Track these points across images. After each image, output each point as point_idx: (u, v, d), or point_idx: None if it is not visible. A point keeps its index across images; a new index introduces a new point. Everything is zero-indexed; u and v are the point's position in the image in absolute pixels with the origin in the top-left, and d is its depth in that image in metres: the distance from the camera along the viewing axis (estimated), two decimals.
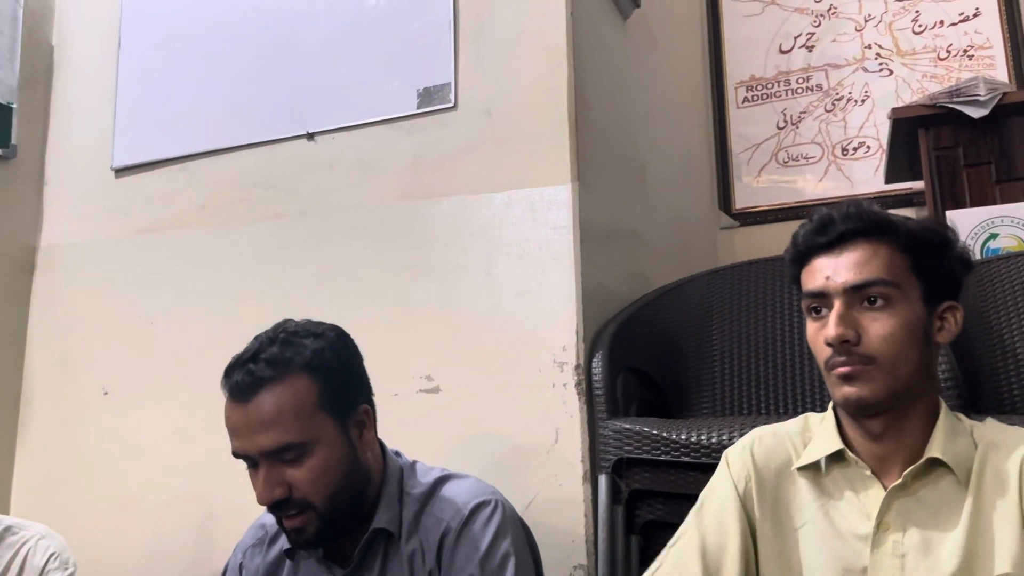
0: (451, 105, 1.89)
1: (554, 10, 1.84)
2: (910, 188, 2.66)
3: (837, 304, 1.05)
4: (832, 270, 1.06)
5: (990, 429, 1.08)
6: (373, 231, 1.93)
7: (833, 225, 1.08)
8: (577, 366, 1.65)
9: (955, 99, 2.13)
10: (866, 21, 2.99)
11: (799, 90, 3.01)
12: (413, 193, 1.91)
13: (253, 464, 1.21)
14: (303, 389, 1.19)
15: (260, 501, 1.19)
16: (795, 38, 3.05)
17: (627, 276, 2.01)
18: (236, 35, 2.17)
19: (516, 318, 1.76)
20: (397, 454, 1.38)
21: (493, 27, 1.91)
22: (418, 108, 1.92)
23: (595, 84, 1.96)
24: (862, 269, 1.04)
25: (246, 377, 1.20)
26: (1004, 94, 2.09)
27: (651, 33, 2.51)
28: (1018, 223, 2.00)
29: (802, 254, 1.11)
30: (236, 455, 1.21)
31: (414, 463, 1.37)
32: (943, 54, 2.87)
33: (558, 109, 1.80)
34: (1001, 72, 2.75)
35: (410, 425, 1.74)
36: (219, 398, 1.25)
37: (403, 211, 1.91)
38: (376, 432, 1.35)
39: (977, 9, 2.85)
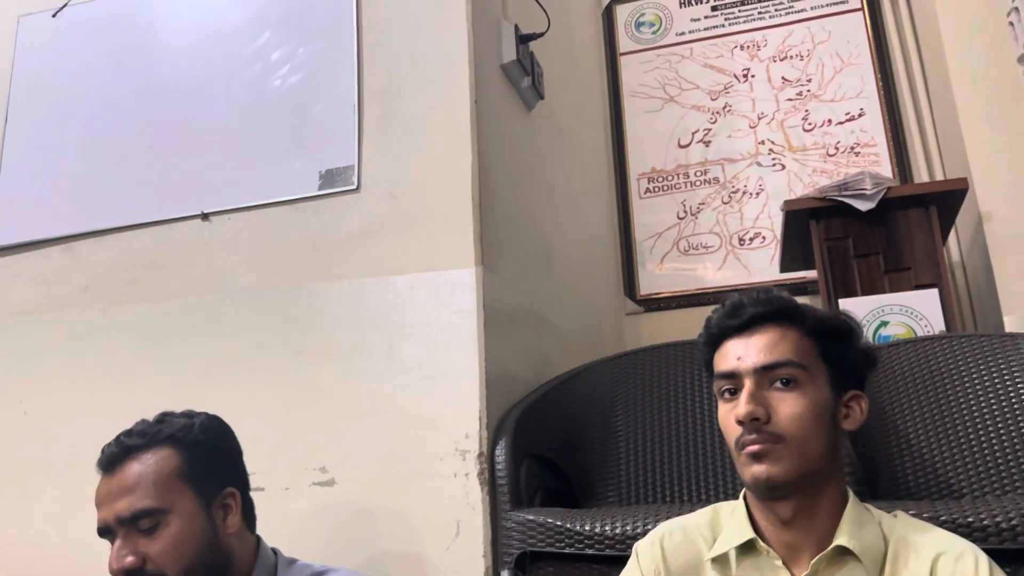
0: (354, 187, 1.87)
1: (459, 96, 1.86)
2: (804, 277, 2.71)
3: (748, 384, 1.07)
4: (743, 351, 1.09)
5: (901, 524, 1.08)
6: (269, 314, 1.87)
7: (744, 309, 1.11)
8: (480, 454, 1.61)
9: (843, 193, 2.18)
10: (759, 119, 3.10)
11: (697, 182, 3.09)
12: (312, 275, 1.87)
13: (113, 538, 1.23)
14: (164, 458, 1.25)
15: (112, 571, 1.19)
16: (693, 133, 3.13)
17: (532, 361, 1.99)
18: (129, 112, 2.12)
19: (418, 404, 1.72)
20: (275, 551, 1.35)
21: (398, 110, 1.91)
22: (320, 189, 1.89)
23: (500, 169, 1.97)
24: (772, 351, 1.07)
25: (115, 448, 1.27)
26: (888, 188, 2.16)
27: (556, 124, 2.55)
28: (906, 311, 2.06)
29: (715, 337, 1.13)
30: (99, 532, 1.24)
31: (293, 560, 1.35)
32: (832, 150, 2.98)
33: (462, 193, 1.80)
34: (885, 168, 2.88)
35: (302, 521, 1.67)
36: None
37: (301, 293, 1.86)
38: (251, 524, 1.34)
39: (862, 110, 2.99)
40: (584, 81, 3.06)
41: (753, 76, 3.14)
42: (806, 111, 3.04)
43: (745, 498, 1.13)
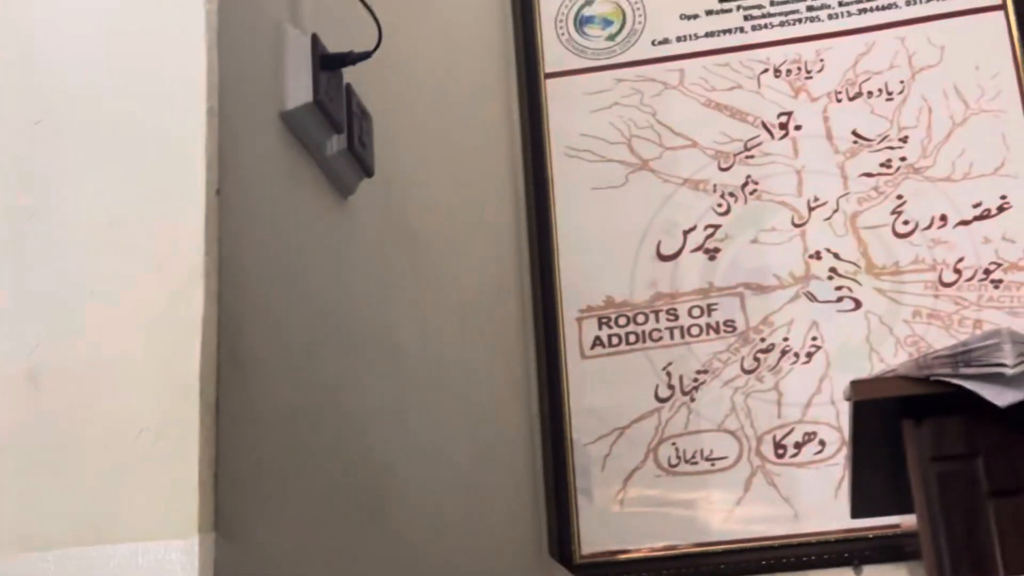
0: None
1: (185, 168, 1.82)
2: (897, 526, 2.72)
3: None
4: None
5: None
6: None
7: None
8: None
9: (963, 369, 2.18)
10: (811, 210, 3.20)
11: (695, 330, 3.14)
12: None
13: None
14: None
15: None
16: (686, 233, 3.21)
17: None
18: None
19: None
20: None
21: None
22: None
23: (274, 312, 1.92)
24: None
25: None
26: None
27: (404, 222, 2.52)
28: None
29: None
30: None
31: None
32: (948, 274, 3.07)
33: (178, 368, 1.71)
34: None
35: None
36: None
37: None
38: None
39: (1005, 199, 3.09)
40: (469, 130, 3.04)
41: (799, 128, 3.24)
42: (899, 198, 3.12)
43: None
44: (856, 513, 2.58)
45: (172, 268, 1.81)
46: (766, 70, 3.33)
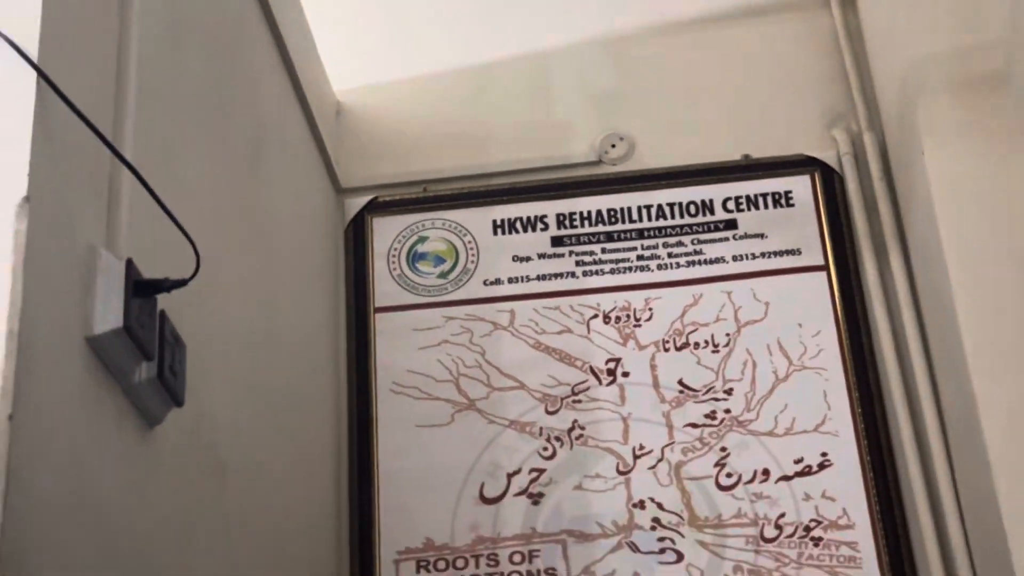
0: None
1: None
2: None
3: None
4: None
5: None
6: None
7: None
8: None
9: None
10: (636, 458, 3.18)
11: None
12: None
13: None
14: None
15: None
16: (510, 476, 3.18)
17: None
18: None
19: None
20: None
21: None
22: None
23: (60, 540, 1.79)
24: None
25: None
26: None
27: (214, 455, 2.47)
28: None
29: None
30: None
31: None
32: (770, 530, 3.06)
33: None
34: None
35: None
36: None
37: None
38: None
39: (826, 457, 3.12)
40: (291, 361, 3.02)
41: (626, 375, 3.25)
42: (723, 450, 3.14)
43: None
44: None
45: None
46: (595, 315, 3.36)
